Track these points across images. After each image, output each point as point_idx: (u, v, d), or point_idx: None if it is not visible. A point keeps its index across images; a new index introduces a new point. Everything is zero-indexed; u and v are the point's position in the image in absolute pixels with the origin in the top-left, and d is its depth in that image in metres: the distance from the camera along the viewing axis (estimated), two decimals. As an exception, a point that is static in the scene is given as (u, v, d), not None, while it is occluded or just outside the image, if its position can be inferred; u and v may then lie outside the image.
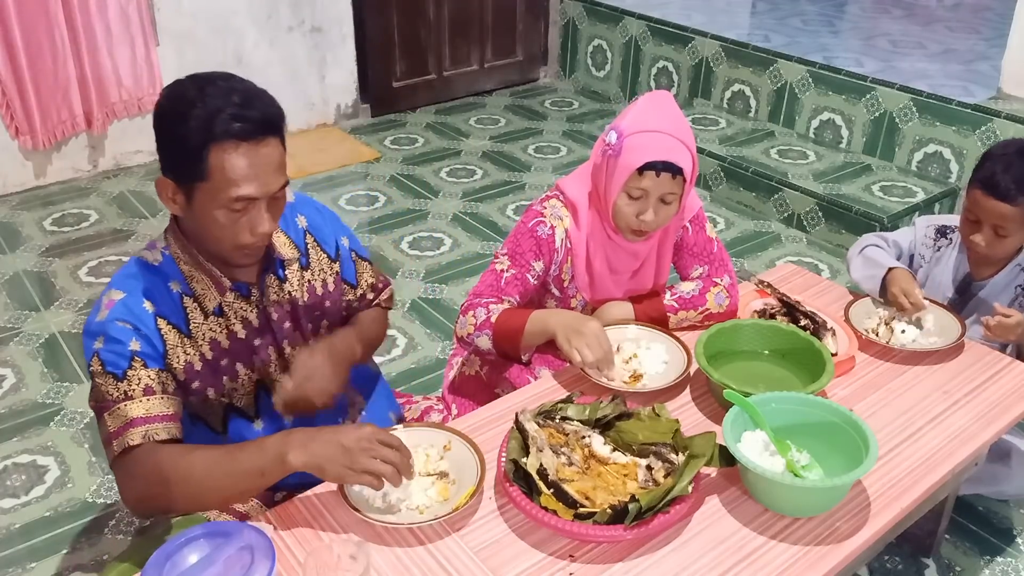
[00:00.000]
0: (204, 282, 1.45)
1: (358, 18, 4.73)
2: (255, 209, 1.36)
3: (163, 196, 1.38)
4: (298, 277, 1.57)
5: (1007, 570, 2.16)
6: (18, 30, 3.68)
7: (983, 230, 1.96)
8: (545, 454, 1.39)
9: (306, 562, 1.22)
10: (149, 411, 1.36)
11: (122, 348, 1.36)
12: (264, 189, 1.35)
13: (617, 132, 1.73)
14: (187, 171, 1.32)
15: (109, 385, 1.36)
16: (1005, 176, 1.89)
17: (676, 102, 1.80)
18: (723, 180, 4.17)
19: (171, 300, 1.43)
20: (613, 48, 5.31)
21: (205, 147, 1.29)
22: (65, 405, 2.67)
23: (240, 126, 1.30)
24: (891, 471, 1.52)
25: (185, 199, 1.36)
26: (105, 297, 1.41)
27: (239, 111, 1.30)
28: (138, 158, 4.33)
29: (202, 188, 1.33)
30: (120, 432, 1.35)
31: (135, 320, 1.38)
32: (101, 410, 1.38)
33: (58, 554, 2.16)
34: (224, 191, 1.32)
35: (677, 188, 1.73)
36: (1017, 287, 2.04)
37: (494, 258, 1.88)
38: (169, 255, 1.45)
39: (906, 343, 1.86)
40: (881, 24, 5.38)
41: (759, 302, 1.99)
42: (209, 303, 1.45)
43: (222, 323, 1.47)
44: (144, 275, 1.43)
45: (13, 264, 3.46)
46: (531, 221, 1.86)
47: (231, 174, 1.31)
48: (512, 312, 1.76)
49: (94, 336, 1.38)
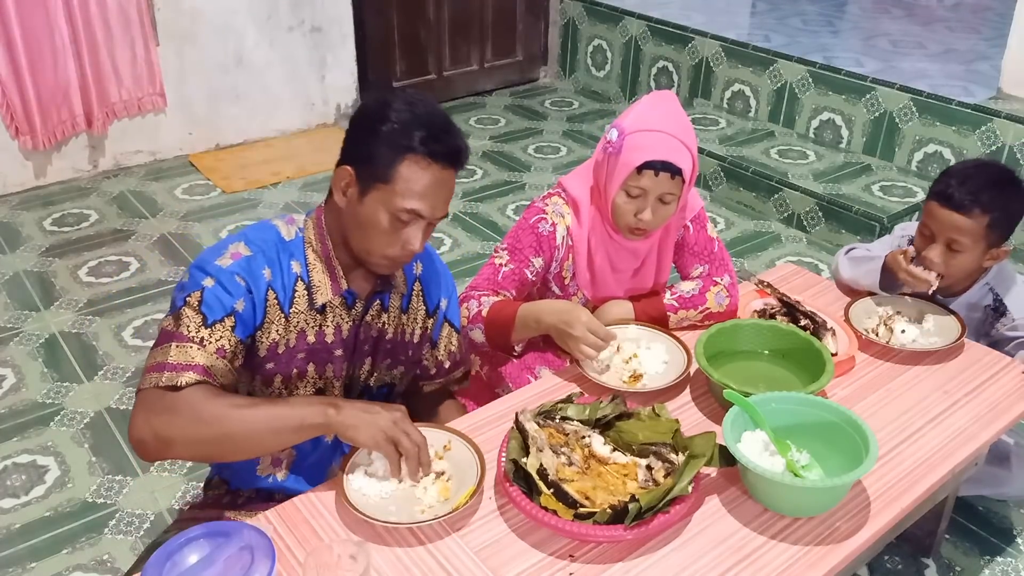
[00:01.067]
0: (322, 276, 1.47)
1: (358, 18, 4.73)
2: (414, 226, 1.41)
3: (336, 184, 1.42)
4: (396, 315, 1.60)
5: (1007, 570, 2.16)
6: (18, 30, 3.68)
7: (937, 245, 1.92)
8: (545, 454, 1.39)
9: (306, 562, 1.22)
10: (212, 367, 1.35)
11: (228, 300, 1.38)
12: (432, 212, 1.41)
13: (618, 130, 1.74)
14: (374, 170, 1.37)
15: (192, 321, 1.36)
16: (961, 188, 1.86)
17: (680, 103, 1.80)
18: (723, 180, 4.17)
19: (287, 278, 1.45)
20: (613, 48, 5.31)
21: (402, 154, 1.36)
22: (65, 405, 2.67)
23: (439, 147, 1.38)
24: (891, 471, 1.52)
25: (358, 194, 1.40)
26: (232, 246, 1.43)
27: (442, 135, 1.39)
28: (138, 158, 4.33)
29: (380, 189, 1.38)
30: (177, 368, 1.32)
31: (252, 282, 1.40)
32: (170, 336, 1.35)
33: (58, 554, 2.16)
34: (400, 199, 1.37)
35: (676, 188, 1.73)
36: (986, 307, 2.02)
37: (494, 252, 1.88)
38: (302, 237, 1.48)
39: (906, 343, 1.86)
40: (881, 24, 5.38)
41: (759, 302, 1.99)
42: (319, 297, 1.47)
43: (318, 320, 1.49)
44: (275, 244, 1.45)
45: (13, 264, 3.46)
46: (533, 217, 1.86)
47: (414, 186, 1.37)
48: (502, 304, 1.77)
49: (207, 274, 1.39)
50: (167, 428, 1.31)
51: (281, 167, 4.37)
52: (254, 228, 1.48)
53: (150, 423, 1.32)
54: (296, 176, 4.29)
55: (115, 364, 2.86)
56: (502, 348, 1.81)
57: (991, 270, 2.01)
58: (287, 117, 4.72)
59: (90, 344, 2.97)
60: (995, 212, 1.87)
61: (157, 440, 1.32)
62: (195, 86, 4.34)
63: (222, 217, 3.89)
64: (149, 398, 1.33)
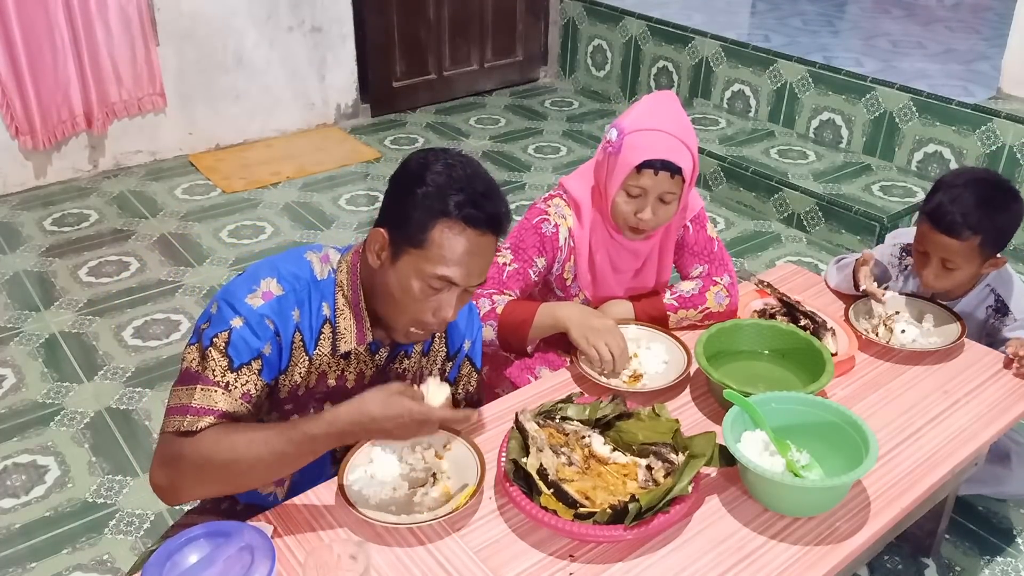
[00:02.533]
0: (349, 324, 1.43)
1: (358, 18, 4.73)
2: (448, 294, 1.37)
3: (370, 247, 1.38)
4: (416, 359, 1.57)
5: (1007, 570, 2.16)
6: (18, 30, 3.68)
7: (931, 263, 1.92)
8: (545, 454, 1.39)
9: (306, 562, 1.22)
10: (235, 412, 1.33)
11: (255, 343, 1.34)
12: (467, 280, 1.36)
13: (618, 129, 1.74)
14: (407, 234, 1.33)
15: (218, 364, 1.33)
16: (951, 209, 1.85)
17: (680, 103, 1.80)
18: (723, 180, 4.17)
19: (316, 319, 1.41)
20: (613, 48, 5.31)
21: (435, 218, 1.32)
22: (65, 405, 2.67)
23: (475, 212, 1.33)
24: (891, 471, 1.52)
25: (391, 258, 1.36)
26: (264, 282, 1.37)
27: (479, 199, 1.33)
28: (138, 158, 4.33)
29: (412, 254, 1.34)
30: (199, 412, 1.31)
31: (281, 325, 1.36)
32: (195, 377, 1.32)
33: (58, 554, 2.16)
34: (432, 265, 1.33)
35: (676, 188, 1.74)
36: (988, 307, 2.02)
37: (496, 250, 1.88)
38: (334, 280, 1.43)
39: (906, 343, 1.86)
40: (881, 24, 5.38)
41: (759, 302, 1.99)
42: (342, 344, 1.43)
43: (341, 366, 1.46)
44: (307, 283, 1.40)
45: (13, 264, 3.46)
46: (535, 218, 1.87)
47: (447, 252, 1.33)
48: (518, 303, 1.76)
49: (236, 312, 1.34)
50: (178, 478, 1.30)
51: (281, 167, 4.36)
52: (287, 261, 1.43)
53: (165, 471, 1.32)
54: (296, 176, 4.29)
55: (115, 364, 2.86)
56: (515, 346, 1.80)
57: (992, 272, 2.01)
58: (287, 117, 4.72)
59: (90, 344, 2.97)
60: (986, 232, 1.87)
61: (172, 486, 1.32)
62: (195, 86, 4.34)
63: (222, 217, 3.89)
64: (165, 446, 1.33)
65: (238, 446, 1.28)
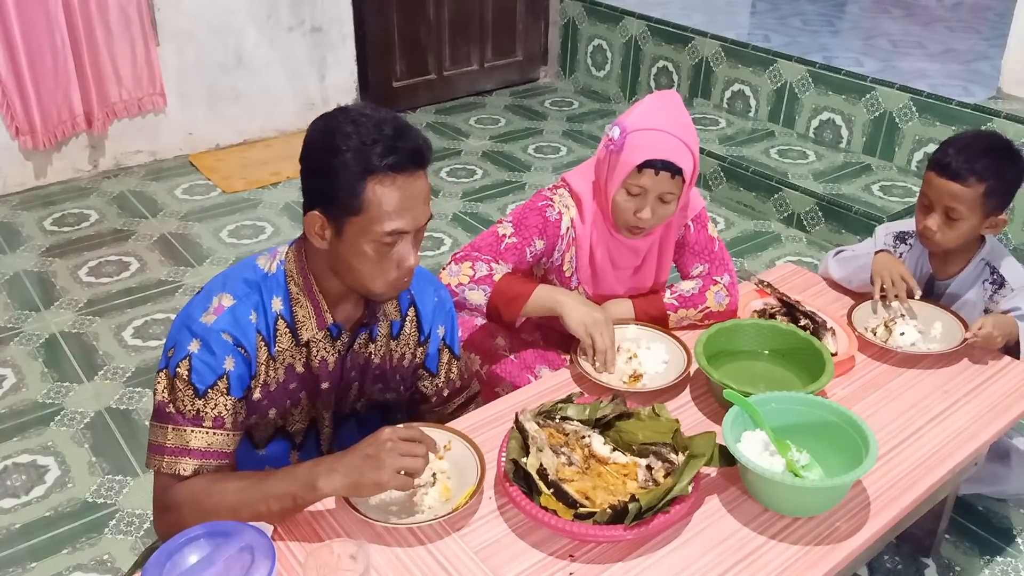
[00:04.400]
0: (307, 311, 1.42)
1: (358, 18, 4.73)
2: (403, 243, 1.35)
3: (310, 231, 1.36)
4: (384, 343, 1.56)
5: (1007, 570, 2.16)
6: (18, 30, 3.68)
7: (935, 214, 1.94)
8: (545, 454, 1.39)
9: (306, 562, 1.22)
10: (210, 446, 1.36)
11: (215, 363, 1.35)
12: (415, 223, 1.34)
13: (621, 128, 1.74)
14: (340, 205, 1.31)
15: (186, 396, 1.35)
16: (958, 157, 1.88)
17: (683, 103, 1.80)
18: (723, 180, 4.17)
19: (268, 318, 1.41)
20: (613, 48, 5.31)
21: (363, 180, 1.29)
22: (65, 405, 2.67)
23: (395, 158, 1.29)
24: (891, 471, 1.52)
25: (334, 233, 1.34)
26: (216, 297, 1.38)
27: (395, 143, 1.29)
28: (138, 158, 4.33)
29: (354, 222, 1.31)
30: (175, 453, 1.35)
31: (239, 334, 1.37)
32: (167, 416, 1.36)
33: (58, 554, 2.16)
34: (377, 225, 1.31)
35: (676, 188, 1.74)
36: (984, 282, 2.03)
37: (497, 222, 1.88)
38: (284, 271, 1.42)
39: (903, 345, 1.86)
40: (881, 24, 5.38)
41: (759, 302, 1.99)
42: (304, 333, 1.43)
43: (304, 353, 1.46)
44: (257, 284, 1.41)
45: (13, 264, 3.46)
46: (541, 202, 1.88)
47: (387, 206, 1.30)
48: (517, 277, 1.77)
49: (193, 335, 1.35)
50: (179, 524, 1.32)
51: (281, 167, 4.36)
52: (235, 268, 1.43)
53: (165, 520, 1.38)
54: (296, 176, 4.24)
55: (115, 364, 2.86)
56: (503, 318, 1.78)
57: (984, 246, 2.02)
58: (287, 117, 4.72)
59: (90, 344, 2.97)
60: (991, 180, 1.88)
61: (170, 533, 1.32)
62: (195, 86, 4.34)
63: (222, 217, 3.89)
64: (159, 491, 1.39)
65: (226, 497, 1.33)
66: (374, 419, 1.65)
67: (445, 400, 1.71)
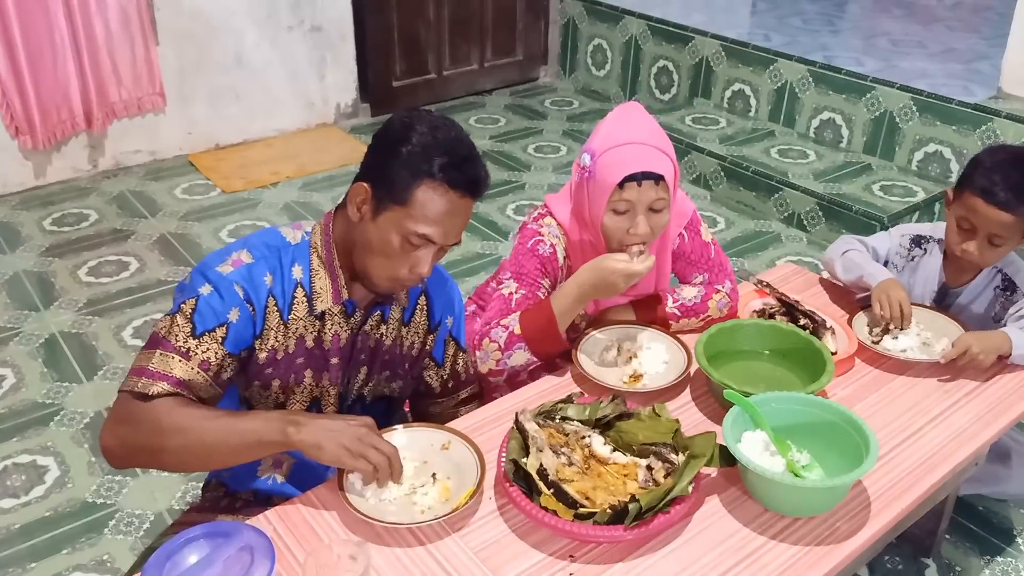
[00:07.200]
0: (324, 283, 1.46)
1: (358, 18, 4.73)
2: (425, 250, 1.40)
3: (351, 200, 1.41)
4: (396, 327, 1.59)
5: (1007, 570, 2.16)
6: (18, 30, 3.68)
7: (977, 238, 1.92)
8: (545, 454, 1.39)
9: (306, 562, 1.22)
10: (191, 381, 1.35)
11: (221, 310, 1.37)
12: (445, 239, 1.40)
13: (590, 153, 1.71)
14: (390, 190, 1.36)
15: (182, 330, 1.36)
16: (1005, 185, 1.86)
17: (646, 111, 1.78)
18: (723, 180, 4.17)
19: (287, 284, 1.45)
20: (613, 47, 5.31)
21: (420, 178, 1.35)
22: (65, 405, 2.67)
23: (457, 176, 1.36)
24: (891, 471, 1.52)
25: (372, 212, 1.39)
26: (235, 253, 1.43)
27: (462, 163, 1.37)
28: (138, 158, 4.33)
29: (394, 211, 1.37)
30: (154, 376, 1.33)
31: (251, 290, 1.40)
32: (157, 341, 1.36)
33: (58, 554, 2.16)
34: (414, 223, 1.36)
35: (664, 193, 1.69)
36: (995, 288, 2.02)
37: (496, 284, 1.84)
38: (308, 242, 1.47)
39: (892, 350, 1.83)
40: (881, 23, 5.38)
41: (759, 302, 1.99)
42: (318, 304, 1.46)
43: (317, 327, 1.48)
44: (278, 249, 1.45)
45: (13, 264, 3.46)
46: (530, 241, 1.82)
47: (429, 212, 1.36)
48: (528, 312, 1.72)
49: (206, 280, 1.39)
50: (130, 437, 1.33)
51: (281, 167, 4.36)
52: (259, 234, 1.48)
53: (116, 432, 1.35)
54: (296, 176, 4.29)
55: (115, 364, 2.86)
56: (553, 348, 1.74)
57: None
58: (287, 117, 4.72)
59: (90, 344, 2.97)
60: None
61: (122, 448, 1.34)
62: (195, 86, 4.34)
63: (222, 217, 3.89)
64: (120, 405, 1.35)
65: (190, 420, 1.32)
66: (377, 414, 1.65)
67: (451, 391, 1.72)
